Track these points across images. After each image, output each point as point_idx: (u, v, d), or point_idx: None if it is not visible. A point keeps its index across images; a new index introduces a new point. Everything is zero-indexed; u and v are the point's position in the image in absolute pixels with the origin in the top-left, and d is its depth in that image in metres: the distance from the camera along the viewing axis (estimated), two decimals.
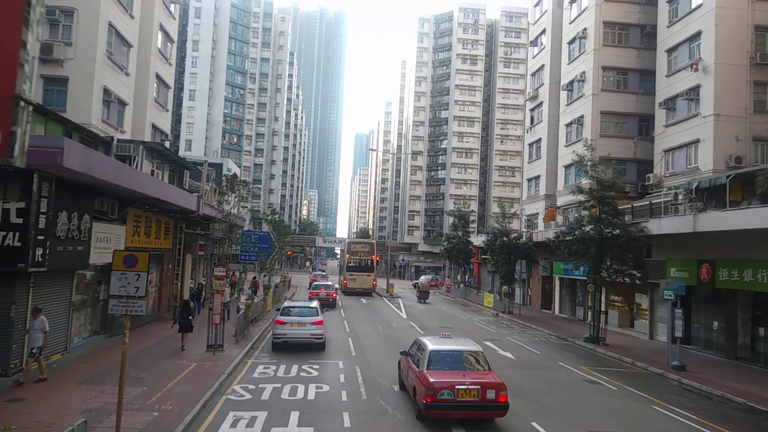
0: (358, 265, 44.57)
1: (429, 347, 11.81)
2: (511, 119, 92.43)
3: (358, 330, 24.24)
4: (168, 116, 33.02)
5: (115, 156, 20.79)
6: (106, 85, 23.52)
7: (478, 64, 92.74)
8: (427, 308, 34.58)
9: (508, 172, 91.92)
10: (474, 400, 10.53)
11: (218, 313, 16.54)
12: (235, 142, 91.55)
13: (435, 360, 11.43)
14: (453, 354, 11.79)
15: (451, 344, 12.44)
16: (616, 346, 22.85)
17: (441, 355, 11.62)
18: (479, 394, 10.54)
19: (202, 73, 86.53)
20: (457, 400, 10.48)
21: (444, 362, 11.44)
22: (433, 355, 11.51)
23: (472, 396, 10.52)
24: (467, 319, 31.70)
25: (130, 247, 18.98)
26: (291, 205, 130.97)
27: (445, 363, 11.42)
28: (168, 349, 17.23)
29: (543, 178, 39.86)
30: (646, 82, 32.85)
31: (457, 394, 10.47)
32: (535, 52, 43.08)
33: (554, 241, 24.19)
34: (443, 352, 11.76)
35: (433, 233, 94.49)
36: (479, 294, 42.59)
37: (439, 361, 11.43)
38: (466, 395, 10.49)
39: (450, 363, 11.46)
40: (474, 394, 10.53)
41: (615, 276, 22.47)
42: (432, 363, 11.34)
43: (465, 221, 46.69)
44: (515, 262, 33.84)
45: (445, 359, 11.53)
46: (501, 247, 33.82)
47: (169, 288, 24.39)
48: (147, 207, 19.92)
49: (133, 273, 8.75)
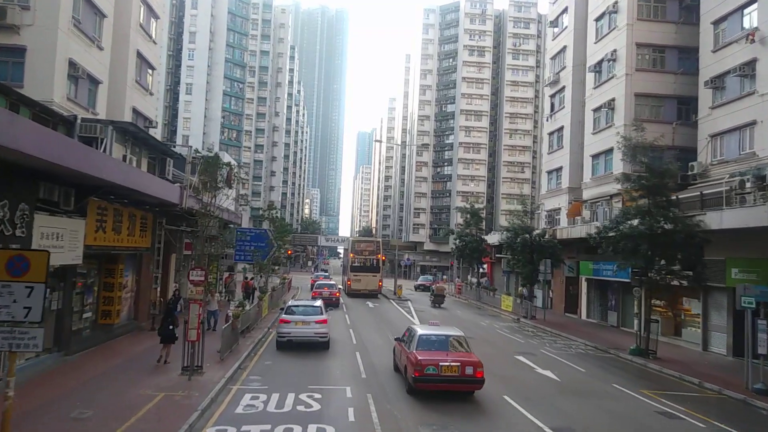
0: (363, 265, 41.22)
1: (419, 332, 13.76)
2: (520, 113, 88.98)
3: (366, 341, 20.90)
4: (153, 101, 29.72)
5: (79, 138, 17.51)
6: (73, 58, 20.24)
7: (486, 55, 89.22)
8: (442, 314, 31.17)
9: (517, 168, 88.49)
10: (455, 375, 12.24)
11: (195, 327, 13.20)
12: (235, 137, 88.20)
13: (423, 342, 13.20)
14: (439, 338, 13.54)
15: (437, 330, 14.46)
16: (669, 360, 19.48)
17: (428, 338, 13.44)
18: (459, 370, 12.24)
19: (199, 66, 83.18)
20: (440, 375, 12.20)
21: (431, 344, 13.18)
22: (421, 338, 13.34)
23: (453, 372, 12.23)
24: (487, 325, 28.35)
25: (93, 246, 15.71)
26: (293, 203, 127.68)
27: (432, 345, 13.15)
28: (136, 371, 13.92)
29: (566, 170, 36.45)
30: (685, 60, 29.44)
31: (440, 370, 12.20)
32: (556, 33, 39.64)
33: (595, 238, 20.81)
34: (431, 336, 13.62)
35: (440, 231, 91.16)
36: (495, 296, 39.20)
37: (426, 343, 13.20)
38: (448, 371, 12.22)
39: (436, 345, 13.17)
40: (455, 370, 12.24)
41: (669, 278, 19.10)
42: (420, 345, 13.10)
43: (478, 218, 43.29)
44: (538, 261, 30.44)
45: (432, 342, 13.29)
46: (523, 245, 30.42)
47: (148, 293, 21.10)
48: (114, 198, 16.62)
49: (23, 285, 5.42)
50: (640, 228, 18.96)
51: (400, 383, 14.11)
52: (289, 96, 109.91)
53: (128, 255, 19.46)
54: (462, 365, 12.25)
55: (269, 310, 26.78)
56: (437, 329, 14.58)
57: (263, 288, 28.42)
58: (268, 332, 21.74)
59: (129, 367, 14.43)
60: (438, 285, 38.04)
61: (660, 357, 19.70)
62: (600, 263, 29.31)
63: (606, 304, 30.33)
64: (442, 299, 35.98)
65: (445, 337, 13.50)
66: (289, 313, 18.54)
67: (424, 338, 13.32)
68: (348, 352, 18.38)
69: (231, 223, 32.03)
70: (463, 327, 26.45)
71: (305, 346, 18.05)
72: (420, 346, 12.99)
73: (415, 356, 12.59)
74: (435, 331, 14.08)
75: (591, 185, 32.56)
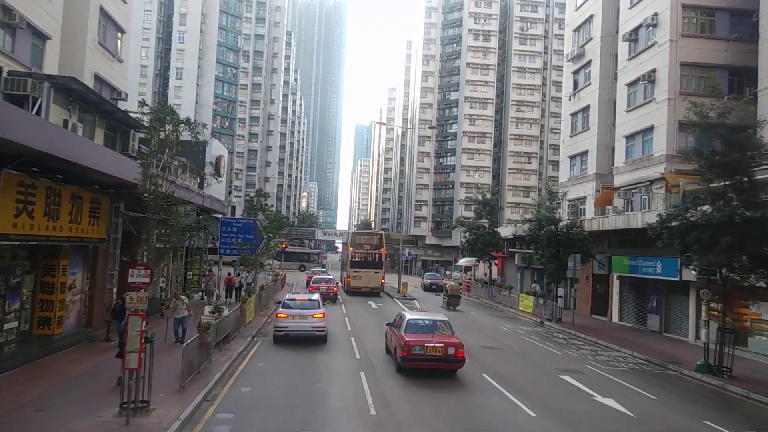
0: (364, 260, 37.31)
1: (407, 317, 15.34)
2: (527, 101, 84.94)
3: (371, 354, 16.98)
4: (123, 70, 25.62)
5: (4, 95, 13.56)
6: (6, 2, 16.17)
7: (492, 40, 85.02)
8: (457, 317, 27.25)
9: (524, 159, 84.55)
10: (439, 355, 13.67)
11: (135, 349, 9.28)
12: (228, 125, 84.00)
13: (411, 326, 14.70)
14: (425, 322, 15.09)
15: (424, 315, 16.39)
16: (748, 380, 15.71)
17: (416, 323, 14.97)
18: (443, 351, 13.68)
19: (190, 49, 78.87)
20: (425, 354, 13.64)
21: (418, 328, 14.69)
22: (409, 323, 14.86)
23: (437, 352, 13.67)
24: (510, 330, 24.51)
25: (11, 235, 11.78)
26: (289, 195, 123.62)
27: (419, 328, 14.66)
28: (63, 404, 10.01)
29: (592, 154, 32.55)
30: (738, 25, 25.55)
31: (426, 350, 13.65)
32: (579, 3, 35.61)
33: (656, 229, 16.91)
34: (418, 320, 15.18)
35: (443, 225, 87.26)
36: (511, 295, 35.36)
37: (414, 327, 14.70)
38: (432, 351, 13.66)
39: (423, 328, 14.67)
40: (439, 350, 13.68)
41: (756, 277, 15.26)
42: (408, 328, 14.59)
43: (490, 208, 39.33)
44: (565, 256, 26.57)
45: (419, 326, 14.81)
46: (548, 237, 26.53)
47: (102, 295, 17.16)
48: (44, 172, 12.65)
49: None
50: (716, 216, 15.10)
51: (422, 413, 10.26)
52: (285, 84, 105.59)
53: (74, 248, 15.52)
54: (445, 346, 13.66)
55: (256, 313, 22.87)
56: (424, 314, 16.82)
57: (250, 287, 24.57)
58: (251, 342, 17.84)
59: (56, 398, 10.54)
60: (452, 284, 33.70)
61: (736, 376, 15.91)
62: (638, 259, 25.50)
63: (644, 305, 26.48)
64: (458, 301, 31.80)
65: (431, 322, 15.05)
66: (287, 307, 18.30)
67: (412, 323, 14.85)
68: (351, 373, 14.46)
69: (214, 211, 28.14)
70: (483, 334, 22.71)
71: (302, 341, 17.81)
72: (408, 329, 14.47)
73: (404, 338, 14.01)
74: (422, 317, 15.83)
75: (624, 170, 28.66)
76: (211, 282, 23.66)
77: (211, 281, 23.72)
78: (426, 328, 14.55)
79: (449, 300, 31.46)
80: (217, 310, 15.94)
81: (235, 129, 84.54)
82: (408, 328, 14.43)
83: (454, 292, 31.66)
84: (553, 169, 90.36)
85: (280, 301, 19.78)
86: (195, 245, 28.27)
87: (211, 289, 23.68)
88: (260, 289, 24.46)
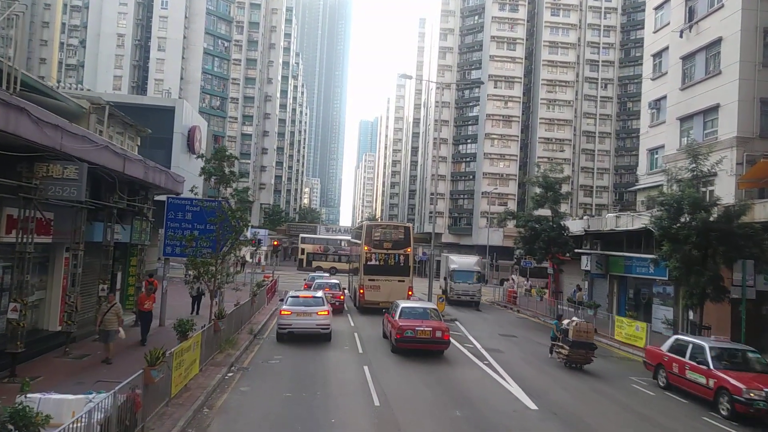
0: (385, 264, 26.50)
1: (401, 305, 17.67)
2: (559, 80, 74.36)
3: None
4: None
5: None
6: None
7: (519, 10, 74.42)
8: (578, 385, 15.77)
9: (555, 146, 73.95)
10: (427, 337, 15.89)
11: None
12: (218, 106, 73.58)
13: (405, 313, 17.05)
14: (417, 309, 17.56)
15: (416, 304, 19.26)
16: None
17: (409, 310, 17.39)
18: (431, 333, 15.90)
19: (174, 17, 68.59)
20: (416, 337, 15.86)
21: (411, 314, 16.96)
22: (403, 309, 17.26)
23: (426, 335, 15.89)
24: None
25: None
26: (289, 189, 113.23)
27: (411, 315, 16.92)
28: None
29: (728, 110, 21.97)
30: None
31: (416, 333, 15.86)
32: None
33: None
34: (411, 308, 17.66)
35: (461, 221, 76.73)
36: (596, 316, 24.72)
37: (407, 313, 17.02)
38: (422, 334, 15.88)
39: (415, 315, 16.93)
40: (428, 333, 15.90)
41: None
42: (402, 315, 16.89)
43: (555, 194, 28.70)
44: (723, 261, 16.10)
45: (412, 312, 17.17)
46: (698, 232, 16.04)
47: None
48: None
49: None
50: None
51: None
52: (285, 65, 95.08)
53: None
54: (433, 330, 15.97)
55: (207, 364, 12.37)
56: (416, 303, 19.85)
57: (220, 311, 14.20)
58: None
59: None
60: (577, 321, 16.58)
61: None
62: None
63: None
64: (591, 354, 16.08)
65: (423, 310, 17.53)
66: (291, 304, 18.00)
67: (406, 310, 17.25)
68: None
69: (157, 187, 17.76)
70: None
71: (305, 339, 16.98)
72: (402, 315, 16.83)
73: (398, 323, 16.32)
74: (414, 304, 18.71)
75: None
76: (111, 313, 12.05)
77: (111, 311, 12.05)
78: (418, 315, 16.87)
79: (573, 353, 16.06)
80: None
81: (226, 110, 74.10)
82: (402, 315, 16.88)
83: (583, 336, 15.88)
84: (586, 159, 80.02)
85: (282, 299, 19.92)
86: (131, 240, 17.91)
87: (107, 329, 12.08)
88: (217, 317, 13.80)
